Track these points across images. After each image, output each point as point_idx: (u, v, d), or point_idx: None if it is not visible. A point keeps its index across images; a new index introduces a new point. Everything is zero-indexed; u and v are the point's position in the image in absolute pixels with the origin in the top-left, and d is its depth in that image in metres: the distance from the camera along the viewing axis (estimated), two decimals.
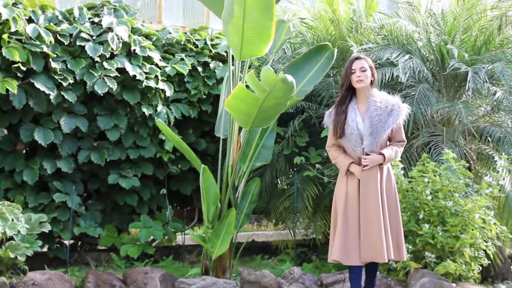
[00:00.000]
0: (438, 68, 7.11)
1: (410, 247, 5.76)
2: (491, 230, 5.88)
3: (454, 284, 5.63)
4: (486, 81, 6.57)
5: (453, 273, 5.69)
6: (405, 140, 4.96)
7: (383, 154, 4.76)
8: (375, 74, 4.92)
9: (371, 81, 4.88)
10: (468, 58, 6.72)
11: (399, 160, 6.04)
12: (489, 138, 6.71)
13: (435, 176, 5.94)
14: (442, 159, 6.10)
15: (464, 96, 7.19)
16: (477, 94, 6.98)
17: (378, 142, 4.76)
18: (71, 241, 6.94)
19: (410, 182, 6.01)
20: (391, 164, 5.21)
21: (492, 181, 6.07)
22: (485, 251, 5.92)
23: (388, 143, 4.89)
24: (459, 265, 5.71)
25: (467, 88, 6.49)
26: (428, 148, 6.53)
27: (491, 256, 5.97)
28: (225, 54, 7.52)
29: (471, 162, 6.82)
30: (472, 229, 5.80)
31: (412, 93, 6.68)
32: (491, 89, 6.68)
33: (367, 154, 4.76)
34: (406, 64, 6.56)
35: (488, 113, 7.24)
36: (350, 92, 4.88)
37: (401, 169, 6.08)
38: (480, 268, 5.95)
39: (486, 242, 5.91)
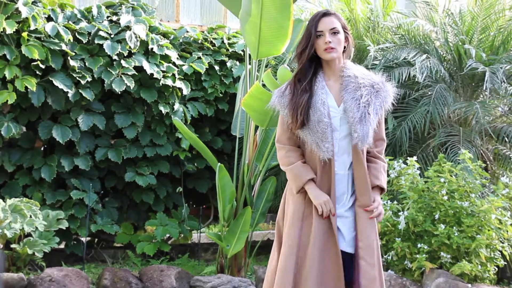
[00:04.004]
0: (455, 68, 7.09)
1: (425, 247, 5.75)
2: (507, 231, 5.85)
3: (469, 285, 5.60)
4: (503, 81, 6.55)
5: (468, 273, 5.66)
6: (385, 139, 3.57)
7: (382, 188, 3.47)
8: (350, 38, 3.45)
9: (344, 47, 3.43)
10: (486, 58, 6.69)
11: (415, 160, 6.04)
12: (506, 138, 6.67)
13: (451, 176, 5.91)
14: (459, 159, 6.07)
15: (481, 96, 7.16)
16: (495, 94, 6.95)
17: (371, 133, 3.35)
18: (88, 238, 6.98)
19: (426, 182, 5.99)
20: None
21: (509, 181, 6.04)
22: (501, 252, 5.89)
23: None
24: (475, 266, 5.69)
25: (484, 88, 6.46)
26: (445, 148, 6.51)
27: (507, 257, 5.94)
28: (242, 53, 7.53)
29: (488, 162, 6.79)
30: (488, 230, 5.77)
31: (429, 92, 6.67)
32: (509, 89, 6.66)
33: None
34: (423, 63, 6.54)
35: (505, 113, 7.20)
36: (314, 64, 3.43)
37: (417, 169, 6.07)
38: (496, 269, 5.92)
39: (502, 243, 5.89)
